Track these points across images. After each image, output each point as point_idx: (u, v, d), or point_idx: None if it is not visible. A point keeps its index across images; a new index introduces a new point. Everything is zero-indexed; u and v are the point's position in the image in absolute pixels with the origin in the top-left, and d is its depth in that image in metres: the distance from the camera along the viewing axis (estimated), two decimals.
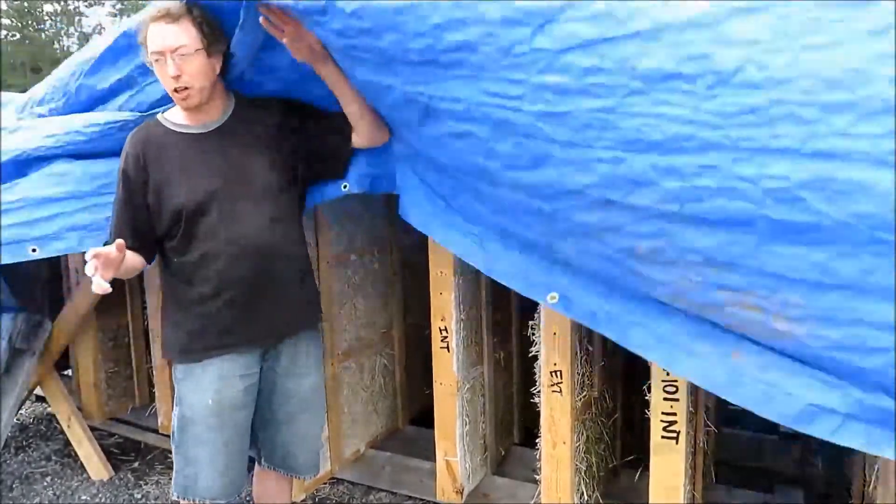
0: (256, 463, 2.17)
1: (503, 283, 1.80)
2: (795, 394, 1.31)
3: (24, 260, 2.13)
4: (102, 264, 1.62)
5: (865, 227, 1.10)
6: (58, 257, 3.72)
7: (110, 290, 1.61)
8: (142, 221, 1.89)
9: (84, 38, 32.21)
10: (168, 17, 1.76)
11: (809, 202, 1.13)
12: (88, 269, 1.59)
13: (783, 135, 1.13)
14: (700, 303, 1.37)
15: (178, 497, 1.98)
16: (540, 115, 1.34)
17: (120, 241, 1.70)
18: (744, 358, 1.35)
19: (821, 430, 1.29)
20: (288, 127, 1.97)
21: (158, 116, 1.94)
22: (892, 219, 1.07)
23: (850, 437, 1.26)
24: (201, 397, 1.90)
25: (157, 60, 1.78)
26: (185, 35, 1.76)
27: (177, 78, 1.77)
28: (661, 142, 1.23)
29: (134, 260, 1.89)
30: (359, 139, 1.99)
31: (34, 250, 2.12)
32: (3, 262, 2.11)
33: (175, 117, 1.92)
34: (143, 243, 1.91)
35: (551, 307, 1.67)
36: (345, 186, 2.11)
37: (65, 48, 31.33)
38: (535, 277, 1.71)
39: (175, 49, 1.75)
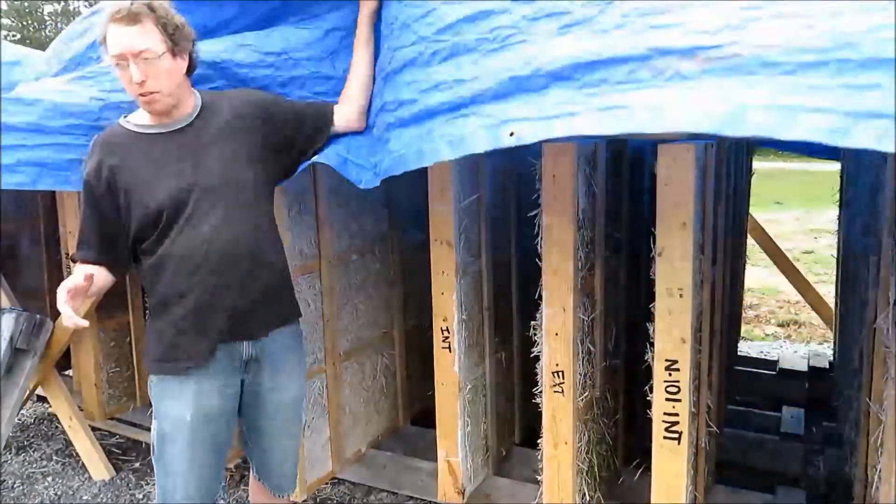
0: (251, 471, 2.16)
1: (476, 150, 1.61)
2: (823, 106, 1.13)
3: None
4: (72, 297, 1.63)
5: None
6: (60, 258, 3.73)
7: (87, 324, 1.66)
8: (110, 230, 1.80)
9: None
10: (129, 17, 1.64)
11: None
12: (63, 309, 1.61)
13: None
14: None
15: None
16: None
17: (87, 270, 1.73)
18: (752, 93, 1.21)
19: (863, 139, 1.07)
20: (262, 118, 1.90)
21: (121, 121, 1.84)
22: None
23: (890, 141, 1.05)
24: (179, 413, 1.84)
25: (118, 64, 1.68)
26: (148, 37, 1.66)
27: (142, 84, 1.68)
28: None
29: (102, 279, 1.85)
30: (343, 117, 1.99)
31: None
32: None
33: (139, 119, 1.82)
34: (114, 255, 1.84)
35: (512, 142, 1.52)
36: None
37: None
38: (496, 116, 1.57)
39: (138, 53, 1.65)
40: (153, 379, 1.89)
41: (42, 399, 3.95)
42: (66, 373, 3.96)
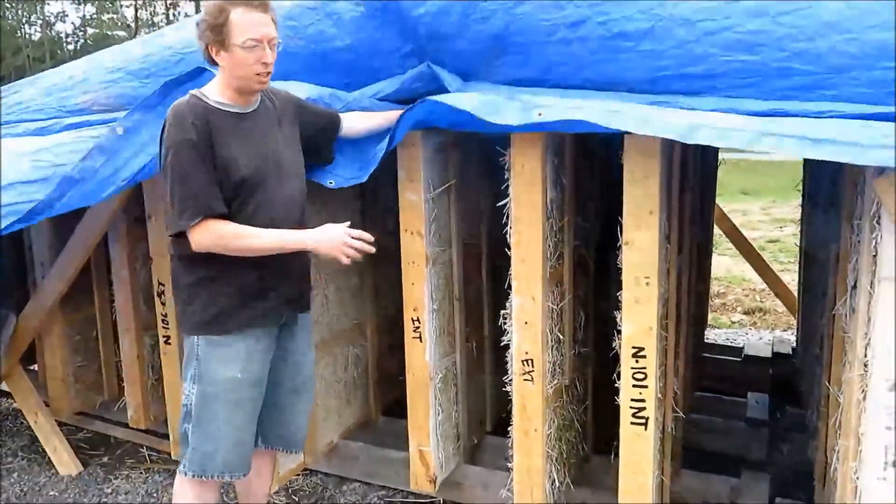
0: None
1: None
2: (746, 128, 1.71)
3: None
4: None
5: None
6: (23, 251, 3.66)
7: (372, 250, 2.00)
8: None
9: (47, 26, 31.46)
10: (263, 7, 1.92)
11: None
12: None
13: None
14: None
15: (192, 476, 2.05)
16: None
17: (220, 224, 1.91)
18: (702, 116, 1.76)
19: (764, 147, 1.66)
20: (298, 115, 2.17)
21: (197, 95, 1.97)
22: None
23: (787, 146, 1.64)
24: (228, 372, 1.99)
25: (253, 46, 1.89)
26: (274, 28, 1.94)
27: (268, 65, 1.92)
28: None
29: None
30: (352, 128, 2.30)
31: None
32: None
33: (216, 97, 1.98)
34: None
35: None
36: (330, 183, 2.32)
37: (27, 35, 30.58)
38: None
39: (272, 39, 1.93)
40: (200, 342, 2.00)
41: (6, 395, 3.88)
42: (32, 367, 3.90)
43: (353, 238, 1.98)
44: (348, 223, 2.02)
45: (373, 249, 2.01)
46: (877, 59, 1.79)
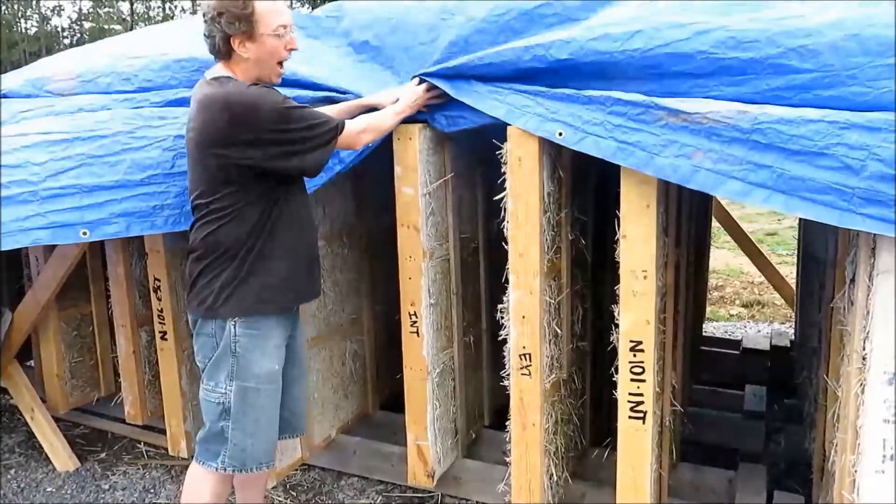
0: None
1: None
2: (739, 176, 1.75)
3: (74, 242, 2.34)
4: None
5: None
6: (19, 249, 3.64)
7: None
8: None
9: (43, 20, 31.36)
10: None
11: None
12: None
13: None
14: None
15: (232, 471, 2.07)
16: None
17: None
18: (701, 156, 1.79)
19: (755, 201, 1.74)
20: None
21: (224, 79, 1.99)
22: None
23: (774, 203, 1.71)
24: (269, 365, 2.02)
25: (281, 34, 1.93)
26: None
27: (291, 52, 1.98)
28: None
29: None
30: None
31: (85, 233, 2.22)
32: (54, 242, 2.25)
33: None
34: None
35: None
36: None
37: (23, 30, 30.50)
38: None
39: (292, 25, 1.98)
40: (240, 338, 1.98)
41: (3, 391, 3.87)
42: (29, 363, 3.88)
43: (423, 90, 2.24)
44: (417, 81, 2.26)
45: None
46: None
